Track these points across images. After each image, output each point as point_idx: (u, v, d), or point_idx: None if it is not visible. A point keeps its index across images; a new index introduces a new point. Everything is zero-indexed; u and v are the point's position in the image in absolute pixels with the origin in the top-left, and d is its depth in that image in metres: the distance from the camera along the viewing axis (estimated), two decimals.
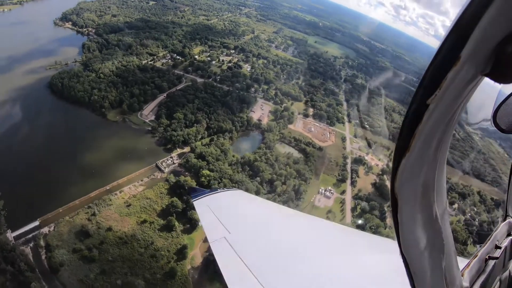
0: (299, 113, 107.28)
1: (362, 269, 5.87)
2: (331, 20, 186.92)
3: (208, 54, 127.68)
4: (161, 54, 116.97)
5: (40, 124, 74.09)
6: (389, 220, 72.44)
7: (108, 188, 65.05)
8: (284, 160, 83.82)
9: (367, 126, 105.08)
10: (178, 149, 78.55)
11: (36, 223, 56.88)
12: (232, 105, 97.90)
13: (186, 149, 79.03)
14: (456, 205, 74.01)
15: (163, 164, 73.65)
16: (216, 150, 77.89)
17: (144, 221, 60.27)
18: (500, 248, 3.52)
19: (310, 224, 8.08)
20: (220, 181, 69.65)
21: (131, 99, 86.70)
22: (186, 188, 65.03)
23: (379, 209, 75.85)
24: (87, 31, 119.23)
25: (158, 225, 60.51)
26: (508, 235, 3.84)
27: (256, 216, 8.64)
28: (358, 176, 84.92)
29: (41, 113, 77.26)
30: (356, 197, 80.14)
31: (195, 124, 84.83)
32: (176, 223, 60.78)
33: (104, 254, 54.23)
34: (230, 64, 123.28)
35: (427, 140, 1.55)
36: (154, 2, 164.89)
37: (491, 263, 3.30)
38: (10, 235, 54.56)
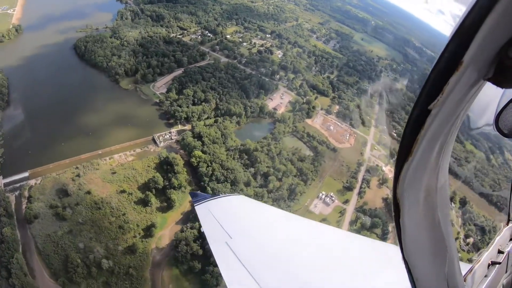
0: (321, 109, 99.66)
1: (364, 275, 5.89)
2: (385, 21, 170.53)
3: (242, 35, 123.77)
4: (192, 30, 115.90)
5: (56, 79, 77.86)
6: (390, 241, 64.42)
7: (100, 152, 66.14)
8: (288, 155, 78.29)
9: (394, 135, 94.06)
10: (179, 125, 77.29)
11: (26, 174, 59.80)
12: (249, 89, 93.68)
13: (188, 126, 77.45)
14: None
15: (160, 138, 72.93)
16: (216, 132, 75.10)
17: (123, 191, 60.24)
18: (502, 253, 3.54)
19: (312, 230, 8.10)
20: (209, 164, 67.02)
21: (147, 69, 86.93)
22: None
23: (382, 228, 67.80)
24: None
25: (135, 197, 60.11)
26: (511, 240, 3.87)
27: (257, 221, 8.72)
28: (368, 187, 76.52)
29: (60, 70, 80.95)
30: (359, 209, 72.44)
31: (203, 103, 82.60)
32: (153, 200, 59.84)
33: (76, 215, 55.24)
34: (261, 48, 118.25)
35: (429, 145, 1.53)
36: None
37: (494, 268, 3.30)
38: (1, 181, 58.08)
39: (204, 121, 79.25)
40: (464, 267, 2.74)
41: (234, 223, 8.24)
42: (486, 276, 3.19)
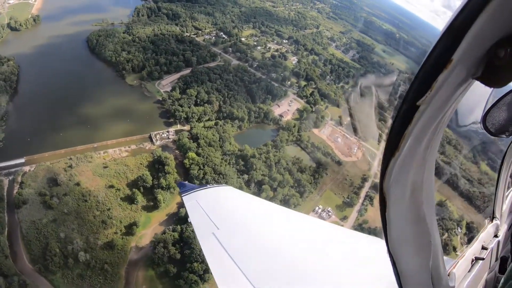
0: (331, 119, 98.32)
1: (350, 267, 6.01)
2: (411, 35, 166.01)
3: (257, 39, 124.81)
4: (207, 30, 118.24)
5: (64, 70, 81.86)
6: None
7: (95, 146, 68.61)
8: (288, 164, 77.65)
9: None
10: (178, 125, 78.78)
11: (22, 160, 63.05)
12: (256, 94, 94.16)
13: (187, 127, 78.76)
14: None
15: (157, 136, 74.64)
16: (214, 135, 75.88)
17: (112, 186, 62.01)
18: (486, 249, 3.69)
19: (299, 222, 8.31)
20: (201, 167, 67.76)
21: (154, 66, 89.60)
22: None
23: None
24: None
25: (123, 193, 61.72)
26: (495, 236, 4.07)
27: (245, 212, 8.92)
28: (371, 205, 74.34)
29: (70, 61, 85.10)
30: (357, 227, 70.56)
31: (205, 104, 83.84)
32: (140, 198, 61.16)
33: (62, 205, 57.47)
34: (276, 53, 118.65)
35: (416, 141, 1.57)
36: None
37: (478, 263, 3.44)
38: None
39: (204, 123, 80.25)
40: (448, 262, 2.85)
41: (221, 214, 8.37)
42: (469, 271, 3.31)
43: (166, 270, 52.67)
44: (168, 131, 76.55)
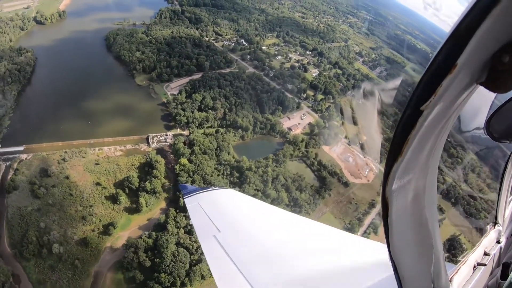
0: (345, 137, 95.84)
1: (350, 271, 6.16)
2: None
3: (279, 48, 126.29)
4: (227, 36, 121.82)
5: (77, 65, 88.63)
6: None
7: (92, 142, 72.87)
8: (286, 181, 76.94)
9: None
10: (178, 129, 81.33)
11: (21, 148, 68.58)
12: (266, 104, 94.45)
13: (186, 132, 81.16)
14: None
15: (154, 139, 77.62)
16: (211, 143, 77.24)
17: (99, 184, 65.21)
18: (488, 255, 3.80)
19: (302, 225, 8.50)
20: (191, 175, 69.15)
21: (165, 68, 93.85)
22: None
23: None
24: (172, 0, 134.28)
25: (108, 192, 64.63)
26: (497, 242, 4.18)
27: (247, 215, 9.15)
28: (375, 233, 71.12)
29: (85, 57, 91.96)
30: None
31: (209, 110, 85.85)
32: (123, 199, 63.62)
33: (48, 196, 61.44)
34: (296, 64, 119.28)
35: (419, 146, 1.61)
36: None
37: (480, 269, 3.53)
38: None
39: (205, 129, 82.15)
40: (450, 268, 2.99)
41: (223, 217, 8.64)
42: (471, 277, 3.42)
43: (134, 276, 54.12)
44: (166, 135, 79.36)
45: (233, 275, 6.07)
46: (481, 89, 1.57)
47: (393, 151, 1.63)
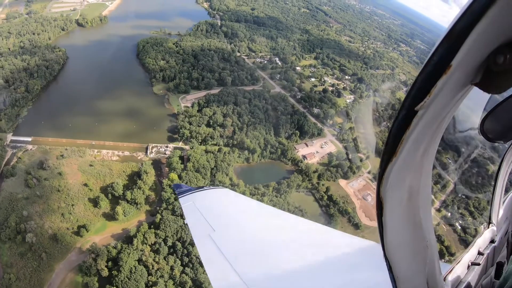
0: (368, 172, 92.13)
1: (346, 271, 6.69)
2: None
3: (315, 70, 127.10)
4: (261, 54, 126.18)
5: (103, 68, 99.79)
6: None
7: (93, 143, 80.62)
8: None
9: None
10: (180, 143, 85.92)
11: (29, 139, 78.65)
12: (282, 126, 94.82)
13: (188, 146, 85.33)
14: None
15: (153, 149, 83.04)
16: (208, 162, 79.90)
17: (86, 185, 71.79)
18: (482, 254, 4.07)
19: (295, 224, 9.09)
20: (174, 192, 72.01)
21: (184, 80, 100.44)
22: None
23: None
24: (214, 14, 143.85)
25: (92, 195, 70.63)
26: (491, 242, 4.46)
27: (241, 214, 9.71)
28: None
29: (112, 61, 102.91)
30: None
31: (218, 127, 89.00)
32: (104, 204, 68.98)
33: (38, 188, 69.22)
34: (330, 88, 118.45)
35: (414, 146, 1.74)
36: (306, 10, 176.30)
37: (473, 269, 3.79)
38: (10, 137, 78.67)
39: (207, 146, 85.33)
40: (444, 267, 3.15)
41: (217, 216, 9.17)
42: (465, 276, 3.60)
43: (89, 283, 58.17)
44: (166, 146, 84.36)
45: (228, 273, 6.40)
46: (475, 90, 1.65)
47: (387, 151, 1.74)
